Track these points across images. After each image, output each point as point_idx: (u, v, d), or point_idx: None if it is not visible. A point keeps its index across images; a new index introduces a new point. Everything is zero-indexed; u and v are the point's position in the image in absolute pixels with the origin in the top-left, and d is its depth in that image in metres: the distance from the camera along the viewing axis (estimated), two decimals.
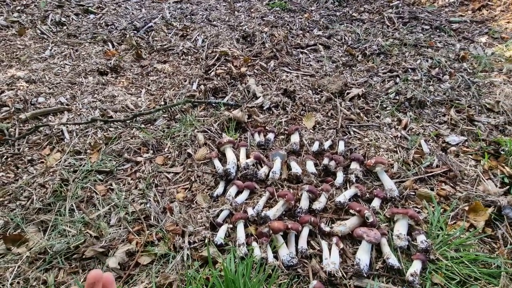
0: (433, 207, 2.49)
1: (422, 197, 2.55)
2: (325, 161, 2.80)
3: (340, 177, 2.66)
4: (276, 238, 2.23)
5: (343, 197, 2.42)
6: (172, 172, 2.93)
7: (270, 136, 3.11)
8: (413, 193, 2.59)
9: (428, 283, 2.01)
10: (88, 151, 3.08)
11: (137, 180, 2.80)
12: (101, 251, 2.21)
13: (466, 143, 3.06)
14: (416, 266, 2.05)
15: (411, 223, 2.30)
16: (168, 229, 2.40)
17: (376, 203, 2.45)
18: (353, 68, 4.43)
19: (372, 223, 2.23)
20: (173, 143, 3.20)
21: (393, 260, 2.08)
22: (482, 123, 3.28)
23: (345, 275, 2.09)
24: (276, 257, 2.19)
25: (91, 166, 2.88)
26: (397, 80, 4.06)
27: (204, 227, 2.39)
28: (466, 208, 2.40)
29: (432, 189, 2.62)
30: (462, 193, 2.57)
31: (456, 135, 3.13)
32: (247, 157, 2.91)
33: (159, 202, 2.63)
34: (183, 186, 2.80)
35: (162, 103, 3.76)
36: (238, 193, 2.65)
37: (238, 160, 2.88)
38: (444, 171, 2.74)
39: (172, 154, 3.09)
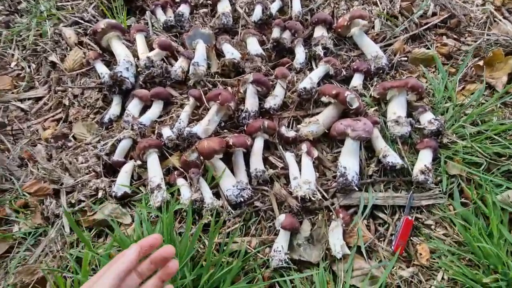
0: (434, 71, 1.71)
1: (417, 61, 1.74)
2: (275, 33, 1.77)
3: (300, 53, 1.69)
4: (213, 165, 1.36)
5: (309, 81, 1.52)
6: (31, 99, 1.74)
7: (183, 9, 1.90)
8: (405, 58, 1.76)
9: (443, 177, 1.36)
10: None
11: None
12: None
13: None
14: (425, 158, 1.37)
15: (411, 98, 1.52)
16: (29, 191, 1.40)
17: (357, 80, 1.60)
18: None
19: (357, 109, 1.41)
20: (23, 50, 1.89)
21: (393, 157, 1.36)
22: None
23: (325, 194, 1.36)
24: (217, 194, 1.37)
25: None
26: None
27: (93, 173, 1.42)
28: (481, 62, 1.65)
29: (428, 48, 1.79)
30: (470, 44, 1.78)
31: None
32: (150, 48, 1.76)
33: (9, 150, 1.54)
34: (53, 117, 1.68)
35: None
36: (145, 109, 1.62)
37: (135, 56, 1.73)
38: (444, 18, 1.88)
39: (25, 69, 1.82)
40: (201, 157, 1.31)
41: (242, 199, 1.28)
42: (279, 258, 1.19)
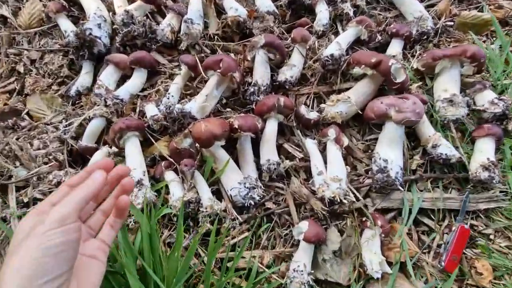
0: (485, 41, 1.37)
1: (465, 26, 1.39)
2: None
3: (323, 12, 1.32)
4: (212, 155, 1.03)
5: (337, 46, 1.16)
6: None
7: None
8: (451, 23, 1.40)
9: (509, 174, 1.06)
10: None
11: None
12: None
13: None
14: (487, 150, 1.06)
15: (466, 71, 1.19)
16: None
17: (395, 48, 1.25)
18: None
19: (403, 84, 1.07)
20: None
21: (446, 148, 1.05)
22: None
23: (358, 194, 1.05)
24: (218, 192, 1.05)
25: None
26: None
27: (54, 163, 1.08)
28: None
29: (481, 10, 1.44)
30: None
31: None
32: (130, 1, 1.36)
33: None
34: (4, 87, 1.30)
35: None
36: (123, 79, 1.26)
37: (111, 10, 1.34)
38: None
39: None
40: (197, 144, 0.97)
41: (253, 202, 0.96)
42: (300, 281, 0.90)
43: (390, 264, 0.98)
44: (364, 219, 1.02)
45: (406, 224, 1.01)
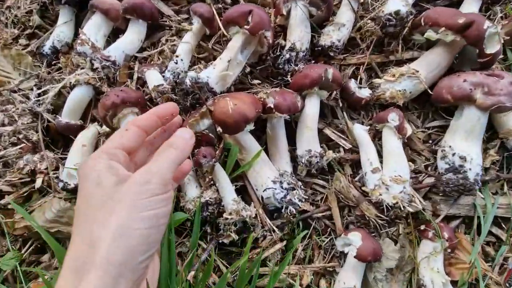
0: None
1: None
2: None
3: None
4: (238, 143, 0.77)
5: (402, 1, 0.87)
6: None
7: None
8: None
9: None
10: None
11: None
12: None
13: None
14: None
15: None
16: None
17: (471, 7, 0.95)
18: None
19: (494, 57, 0.80)
20: None
21: None
22: None
23: (421, 201, 0.82)
24: (242, 191, 0.81)
25: None
26: None
27: (25, 144, 0.81)
28: None
29: None
30: None
31: None
32: None
33: None
34: None
35: None
36: (115, 33, 0.95)
37: None
38: None
39: None
40: (219, 128, 0.71)
41: (293, 209, 0.73)
42: None
43: (452, 284, 0.80)
44: (423, 227, 0.82)
45: (478, 238, 0.81)
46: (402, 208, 0.76)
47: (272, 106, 0.76)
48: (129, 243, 0.40)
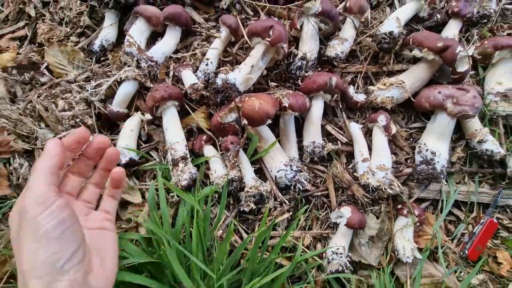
0: None
1: None
2: None
3: None
4: (258, 134, 0.97)
5: (396, 23, 1.06)
6: None
7: None
8: (510, 6, 1.30)
9: None
10: None
11: None
12: None
13: None
14: None
15: None
16: None
17: (452, 29, 1.16)
18: None
19: (463, 75, 1.01)
20: None
21: (492, 145, 1.04)
22: None
23: (399, 185, 1.04)
24: (258, 172, 1.02)
25: None
26: None
27: (82, 126, 0.99)
28: None
29: None
30: None
31: None
32: None
33: None
34: (13, 33, 1.14)
35: None
36: (155, 36, 1.12)
37: None
38: None
39: None
40: (244, 121, 0.91)
41: (301, 186, 0.94)
42: (339, 263, 0.93)
43: (420, 251, 1.03)
44: (400, 206, 1.04)
45: (441, 215, 1.04)
46: (384, 190, 0.97)
47: (287, 106, 0.95)
48: (39, 260, 0.50)
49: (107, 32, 1.10)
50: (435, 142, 1.01)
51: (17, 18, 1.15)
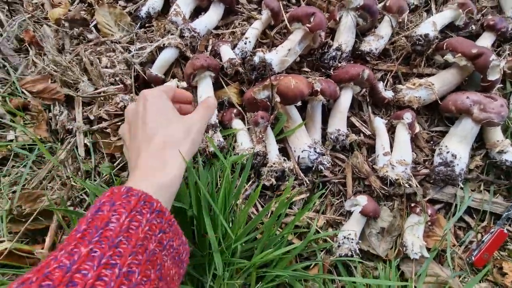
0: None
1: None
2: None
3: None
4: (287, 114, 1.01)
5: (432, 27, 1.09)
6: None
7: None
8: None
9: None
10: None
11: None
12: None
13: None
14: None
15: None
16: (31, 90, 1.02)
17: (485, 41, 1.18)
18: None
19: (493, 84, 1.04)
20: None
21: (511, 155, 1.05)
22: None
23: (416, 183, 1.07)
24: (282, 151, 1.05)
25: None
26: None
27: (120, 85, 1.04)
28: None
29: None
30: None
31: None
32: None
33: (2, 25, 1.09)
34: None
35: None
36: (198, 10, 1.17)
37: None
38: None
39: None
40: (277, 99, 0.95)
41: (323, 167, 0.97)
42: (349, 247, 0.96)
43: (427, 249, 1.05)
44: (413, 205, 1.07)
45: (452, 218, 1.06)
46: (402, 184, 1.00)
47: (318, 90, 0.99)
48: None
49: (155, 1, 1.15)
50: (457, 145, 1.03)
51: None
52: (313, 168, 0.98)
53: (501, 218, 1.09)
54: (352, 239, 0.97)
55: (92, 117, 1.01)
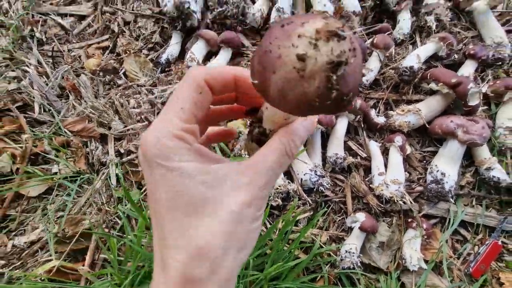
0: None
1: None
2: None
3: (406, 21, 1.37)
4: None
5: (416, 59, 1.23)
6: (73, 15, 1.45)
7: None
8: None
9: None
10: None
11: None
12: None
13: None
14: None
15: None
16: (72, 129, 1.21)
17: (468, 69, 1.31)
18: None
19: (474, 109, 1.16)
20: None
21: (499, 172, 1.15)
22: None
23: (410, 200, 1.17)
24: (288, 174, 1.19)
25: None
26: None
27: (145, 122, 1.22)
28: None
29: None
30: None
31: None
32: None
33: (48, 75, 1.31)
34: (98, 43, 1.42)
35: None
36: (210, 55, 1.36)
37: None
38: None
39: None
40: None
41: (323, 189, 1.10)
42: (351, 261, 1.06)
43: (426, 262, 1.13)
44: (410, 220, 1.16)
45: (447, 231, 1.15)
46: (396, 201, 1.11)
47: (316, 120, 1.13)
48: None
49: (173, 48, 1.35)
50: (445, 165, 1.14)
51: (103, 32, 1.43)
52: (315, 189, 1.11)
53: (495, 231, 1.17)
54: (353, 252, 1.07)
55: (122, 151, 1.18)
